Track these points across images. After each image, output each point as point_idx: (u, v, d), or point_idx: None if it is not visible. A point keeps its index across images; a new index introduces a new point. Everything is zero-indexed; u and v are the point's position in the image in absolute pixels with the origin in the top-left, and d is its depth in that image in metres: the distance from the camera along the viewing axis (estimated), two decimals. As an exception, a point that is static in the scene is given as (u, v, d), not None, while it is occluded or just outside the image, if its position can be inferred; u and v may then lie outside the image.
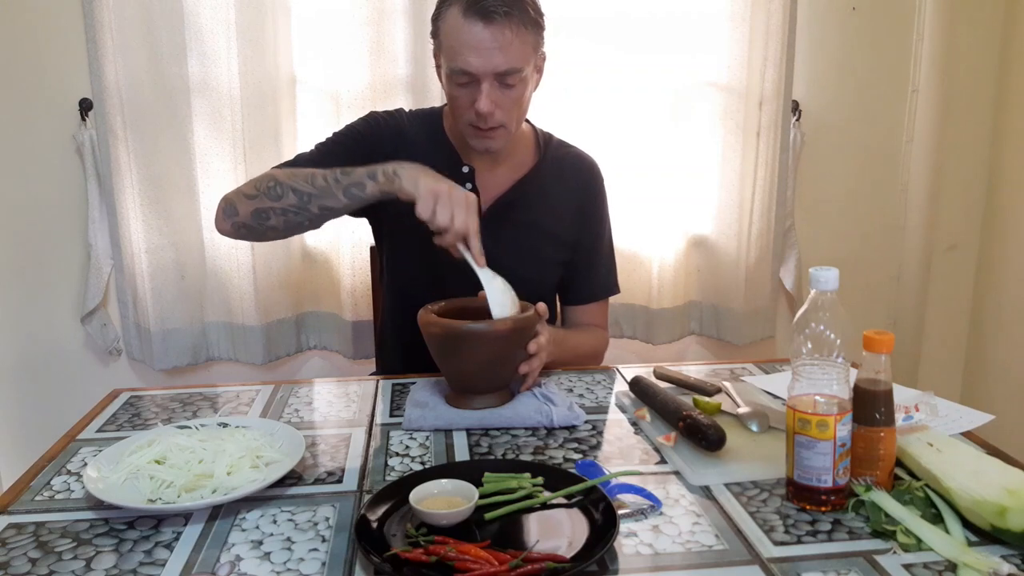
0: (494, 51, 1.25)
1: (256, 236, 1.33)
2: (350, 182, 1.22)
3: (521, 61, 1.28)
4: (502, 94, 1.29)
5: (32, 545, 0.85)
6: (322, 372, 2.15)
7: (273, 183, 1.27)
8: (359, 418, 1.19)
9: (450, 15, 1.27)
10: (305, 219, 1.27)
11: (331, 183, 1.23)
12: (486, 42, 1.24)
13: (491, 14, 1.23)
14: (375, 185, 1.21)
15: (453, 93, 1.31)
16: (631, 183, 2.06)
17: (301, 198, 1.25)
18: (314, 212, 1.25)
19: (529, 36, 1.28)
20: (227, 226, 1.32)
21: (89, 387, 1.92)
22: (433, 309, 1.20)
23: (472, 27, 1.24)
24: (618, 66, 2.02)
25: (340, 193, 1.23)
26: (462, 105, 1.31)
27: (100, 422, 1.20)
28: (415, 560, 0.78)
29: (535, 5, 1.30)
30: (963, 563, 0.78)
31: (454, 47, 1.26)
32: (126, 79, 1.86)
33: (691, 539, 0.85)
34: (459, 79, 1.28)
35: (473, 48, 1.24)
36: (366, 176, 1.21)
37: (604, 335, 1.60)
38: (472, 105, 1.28)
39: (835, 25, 2.15)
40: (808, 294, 0.89)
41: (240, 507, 0.92)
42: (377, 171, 1.21)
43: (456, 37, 1.26)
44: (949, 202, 2.27)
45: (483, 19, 1.23)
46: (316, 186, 1.24)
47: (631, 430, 1.14)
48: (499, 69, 1.26)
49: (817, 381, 0.88)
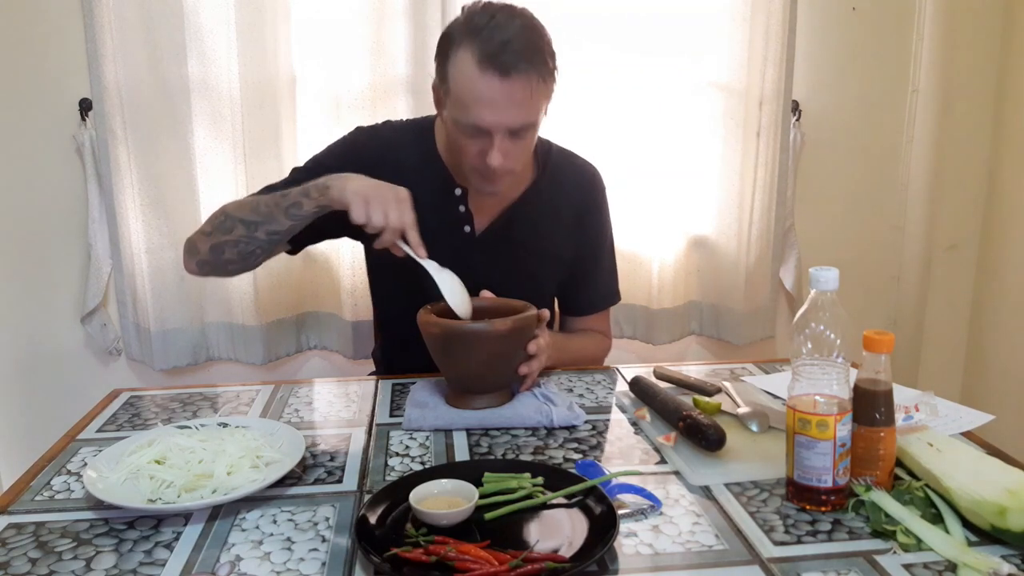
0: (510, 107, 1.18)
1: (219, 271, 1.33)
2: (288, 203, 1.21)
3: (536, 115, 1.23)
4: (513, 145, 1.23)
5: (32, 545, 0.85)
6: (322, 372, 2.15)
7: (223, 217, 1.29)
8: (359, 418, 1.19)
9: (461, 62, 1.18)
10: (256, 247, 1.27)
11: (272, 207, 1.23)
12: (502, 98, 1.17)
13: (509, 69, 1.16)
14: (311, 201, 1.19)
15: (460, 140, 1.25)
16: (631, 183, 2.06)
17: (248, 227, 1.25)
18: (262, 239, 1.25)
19: (545, 87, 1.22)
20: (192, 266, 1.35)
21: (89, 387, 1.93)
22: (433, 309, 1.20)
23: (488, 81, 1.16)
24: (618, 66, 2.02)
25: (282, 216, 1.22)
26: (469, 154, 1.25)
27: (100, 422, 1.20)
28: (415, 560, 0.78)
29: (551, 51, 1.23)
30: (963, 563, 0.78)
31: (465, 99, 1.19)
32: (126, 79, 1.86)
33: (691, 539, 0.85)
34: (469, 129, 1.22)
35: (488, 103, 1.18)
36: (301, 194, 1.20)
37: (606, 341, 1.58)
38: (480, 155, 1.23)
39: (835, 25, 2.15)
40: (808, 294, 0.89)
41: (240, 507, 0.92)
42: (310, 187, 1.20)
43: (469, 89, 1.18)
44: (949, 202, 2.27)
45: (500, 74, 1.15)
46: (260, 213, 1.24)
47: (631, 430, 1.14)
48: (514, 125, 1.20)
49: (817, 381, 0.88)
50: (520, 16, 1.20)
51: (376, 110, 1.94)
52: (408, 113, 1.95)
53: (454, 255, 1.23)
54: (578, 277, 1.50)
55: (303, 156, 1.96)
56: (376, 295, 1.54)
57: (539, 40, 1.21)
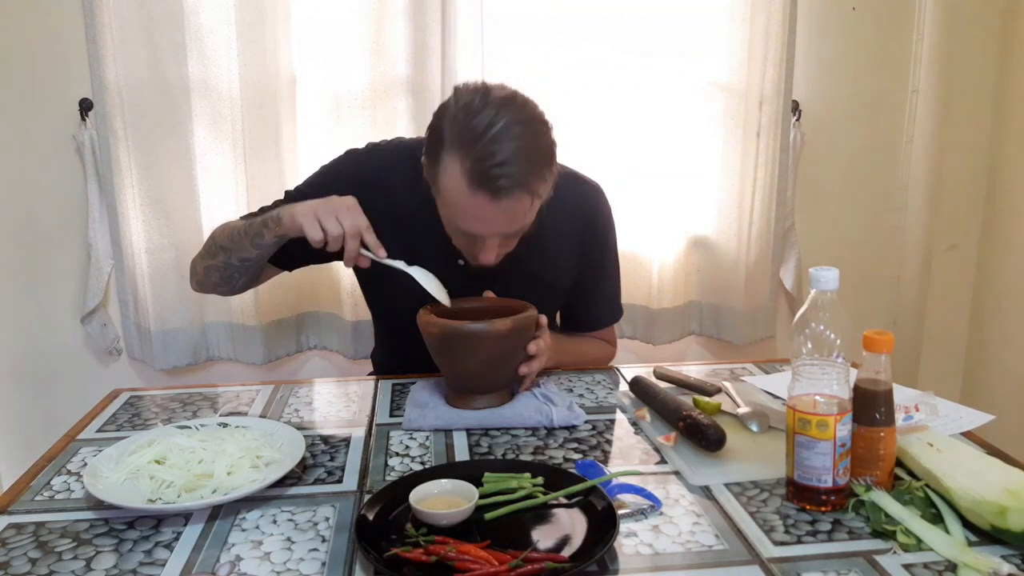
0: (501, 223, 1.15)
1: (214, 292, 1.39)
2: (253, 232, 1.23)
3: (528, 220, 1.18)
4: (504, 243, 1.20)
5: (32, 545, 0.85)
6: (322, 372, 2.15)
7: (211, 242, 1.33)
8: (359, 418, 1.19)
9: (451, 175, 1.11)
10: (235, 272, 1.30)
11: (242, 235, 1.25)
12: (493, 215, 1.12)
13: (501, 193, 1.09)
14: (270, 232, 1.20)
15: (450, 232, 1.23)
16: (631, 183, 2.06)
17: (226, 254, 1.28)
18: (237, 265, 1.28)
19: (540, 193, 1.15)
20: (194, 284, 1.42)
21: (89, 387, 1.92)
22: (432, 309, 1.20)
23: (479, 200, 1.10)
24: (618, 66, 2.01)
25: (249, 244, 1.24)
26: (462, 246, 1.24)
27: (100, 422, 1.20)
28: (415, 560, 0.78)
29: (548, 160, 1.14)
30: (963, 563, 0.78)
31: (455, 211, 1.15)
32: (126, 79, 1.86)
33: (691, 539, 0.85)
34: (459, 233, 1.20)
35: (480, 219, 1.14)
36: (262, 225, 1.21)
37: (609, 348, 1.55)
38: (473, 250, 1.21)
39: (835, 25, 2.15)
40: (808, 294, 0.89)
41: (240, 507, 0.92)
42: (269, 219, 1.20)
43: (458, 203, 1.13)
44: (949, 202, 2.26)
45: (491, 195, 1.09)
46: (233, 241, 1.27)
47: (631, 430, 1.14)
48: (507, 233, 1.17)
49: (817, 381, 0.88)
50: (518, 125, 1.10)
51: (376, 110, 1.94)
52: (408, 113, 1.95)
53: (448, 286, 1.21)
54: (579, 300, 1.47)
55: (303, 156, 1.98)
56: (369, 301, 1.52)
57: (536, 157, 1.12)
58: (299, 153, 1.98)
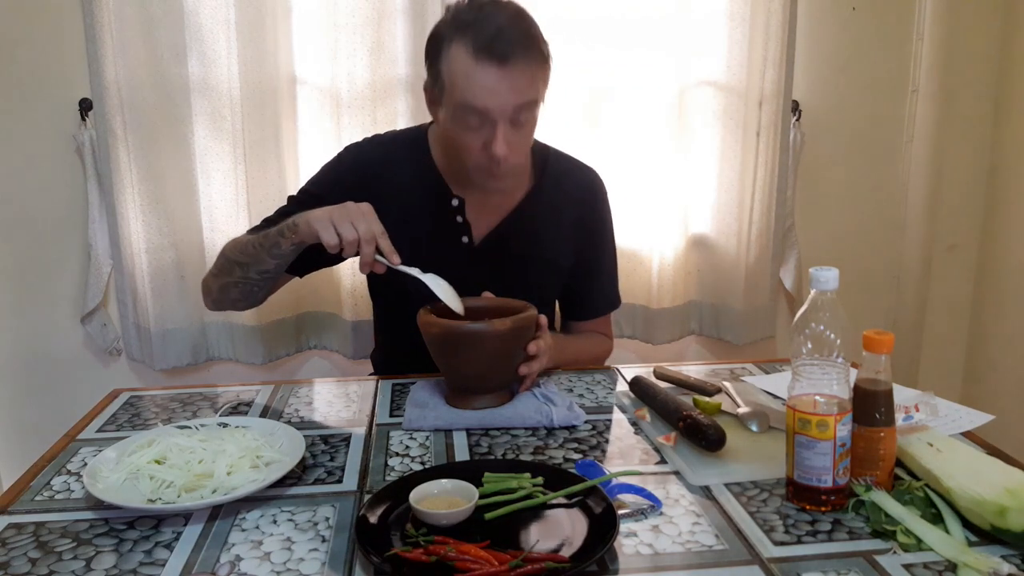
0: (511, 93, 1.18)
1: (232, 308, 1.39)
2: (270, 244, 1.23)
3: (536, 93, 1.22)
4: (516, 132, 1.22)
5: (32, 545, 0.85)
6: (322, 372, 2.15)
7: (223, 259, 1.33)
8: (359, 418, 1.19)
9: (456, 57, 1.18)
10: (254, 286, 1.30)
11: (258, 248, 1.25)
12: (502, 84, 1.17)
13: (507, 56, 1.16)
14: (286, 241, 1.20)
15: (460, 136, 1.23)
16: (631, 183, 2.06)
17: (243, 269, 1.28)
18: (256, 279, 1.28)
19: (541, 71, 1.22)
20: (209, 304, 1.41)
21: (89, 387, 1.92)
22: (432, 309, 1.20)
23: (486, 70, 1.16)
24: (617, 66, 2.02)
25: (267, 256, 1.24)
26: (471, 148, 1.23)
27: (100, 422, 1.20)
28: (415, 560, 0.78)
29: (543, 38, 1.24)
30: (963, 563, 0.78)
31: (464, 89, 1.18)
32: (126, 79, 1.86)
33: (691, 539, 0.85)
34: (470, 121, 1.20)
35: (488, 90, 1.17)
36: (278, 235, 1.22)
37: (607, 343, 1.57)
38: (483, 148, 1.22)
39: (835, 25, 2.15)
40: (808, 294, 0.89)
41: (240, 507, 0.92)
42: (284, 227, 1.21)
43: (466, 78, 1.17)
44: (949, 202, 2.27)
45: (498, 61, 1.15)
46: (248, 255, 1.27)
47: (631, 430, 1.14)
48: (518, 104, 1.19)
49: (817, 381, 0.88)
50: (508, 6, 1.21)
51: (376, 110, 1.94)
52: (408, 113, 1.95)
53: (452, 266, 1.22)
54: (579, 283, 1.49)
55: (303, 156, 1.98)
56: (376, 304, 1.54)
57: (531, 27, 1.21)
58: (299, 153, 1.98)
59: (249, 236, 1.31)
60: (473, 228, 1.37)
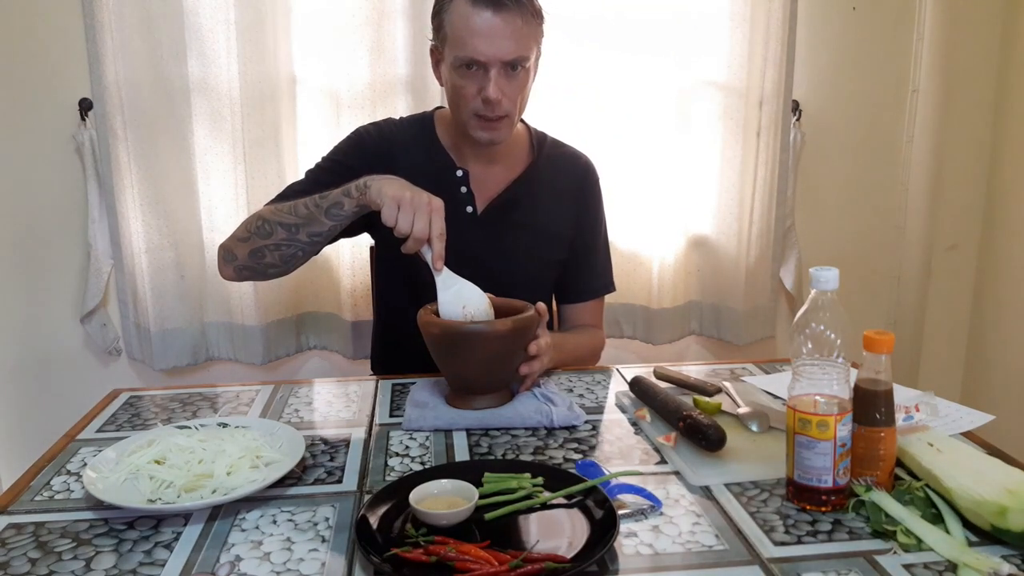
0: (504, 39, 1.27)
1: (258, 275, 1.36)
2: (329, 204, 1.24)
3: (527, 49, 1.31)
4: (508, 82, 1.30)
5: (32, 545, 0.85)
6: (322, 372, 2.15)
7: (261, 222, 1.30)
8: (359, 418, 1.19)
9: (456, 7, 1.29)
10: (298, 250, 1.29)
11: (312, 209, 1.26)
12: (496, 29, 1.26)
13: (501, 3, 1.26)
14: (351, 201, 1.22)
15: (458, 83, 1.32)
16: (631, 183, 2.06)
17: (289, 230, 1.27)
18: (304, 241, 1.28)
19: (533, 27, 1.31)
20: (229, 271, 1.37)
21: (89, 387, 1.92)
22: (433, 309, 1.20)
23: (482, 14, 1.26)
24: (618, 66, 2.02)
25: (323, 216, 1.25)
26: (468, 95, 1.31)
27: (100, 422, 1.20)
28: (415, 560, 0.78)
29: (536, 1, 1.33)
30: (963, 563, 0.78)
31: (462, 36, 1.28)
32: (126, 79, 1.86)
33: (691, 539, 0.85)
34: (467, 68, 1.29)
35: (483, 36, 1.27)
36: (342, 195, 1.23)
37: (600, 334, 1.60)
38: (478, 94, 1.30)
39: (835, 25, 2.15)
40: (808, 294, 0.89)
41: (240, 507, 0.92)
42: (351, 187, 1.23)
43: (464, 26, 1.28)
44: (949, 202, 2.27)
45: (493, 7, 1.26)
46: (300, 215, 1.27)
47: (631, 430, 1.14)
48: (508, 56, 1.28)
49: (817, 381, 0.88)
50: None
51: (376, 110, 1.94)
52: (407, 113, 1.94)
53: (457, 236, 1.24)
54: (576, 260, 1.54)
55: (303, 156, 1.97)
56: (380, 295, 1.55)
57: None
58: (299, 153, 1.98)
59: (296, 200, 1.30)
60: (477, 198, 1.44)
